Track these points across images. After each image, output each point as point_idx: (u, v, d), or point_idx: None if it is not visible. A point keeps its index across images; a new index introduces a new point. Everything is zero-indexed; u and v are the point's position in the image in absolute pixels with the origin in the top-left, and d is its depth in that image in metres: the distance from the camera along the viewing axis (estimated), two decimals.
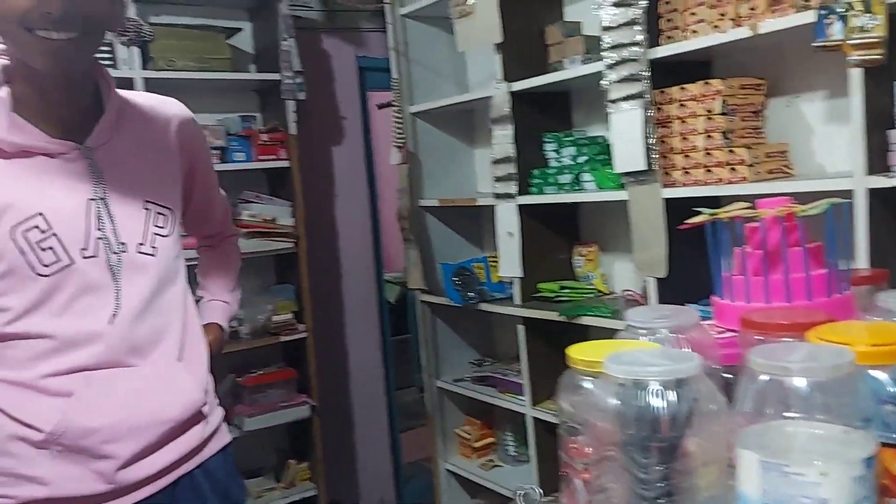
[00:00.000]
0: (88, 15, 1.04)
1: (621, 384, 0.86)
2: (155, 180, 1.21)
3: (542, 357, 2.58)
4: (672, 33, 2.00)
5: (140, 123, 1.22)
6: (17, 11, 1.00)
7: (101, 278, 1.13)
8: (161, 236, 1.20)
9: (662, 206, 2.01)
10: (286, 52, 2.97)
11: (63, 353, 1.11)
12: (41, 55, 1.02)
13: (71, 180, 1.11)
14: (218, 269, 1.51)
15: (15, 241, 1.08)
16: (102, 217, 1.13)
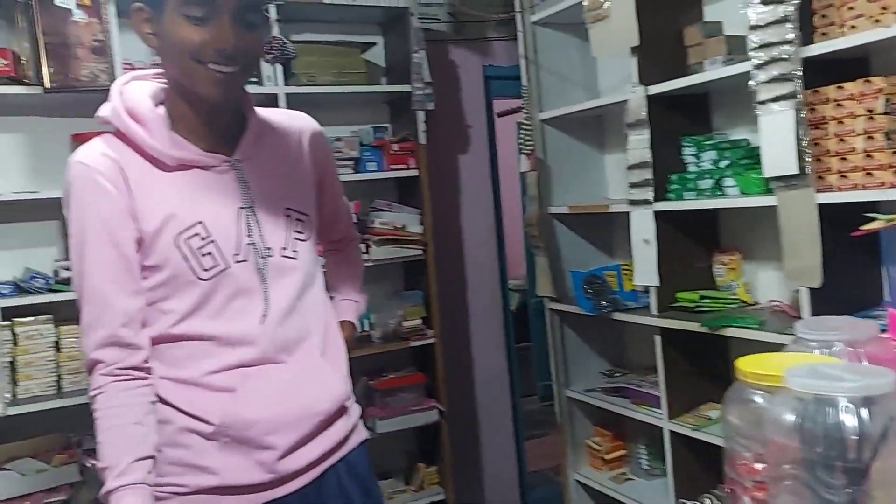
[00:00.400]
0: (250, 52, 1.17)
1: (802, 399, 0.82)
2: (293, 189, 1.31)
3: (680, 369, 2.49)
4: (827, 30, 1.89)
5: (276, 137, 1.32)
6: (192, 45, 1.12)
7: (251, 281, 1.22)
8: (300, 240, 1.28)
9: (816, 212, 1.90)
10: (417, 64, 3.04)
11: (222, 352, 1.20)
12: (208, 85, 1.14)
13: (223, 191, 1.21)
14: (346, 271, 1.59)
15: (179, 248, 1.17)
16: (251, 224, 1.22)
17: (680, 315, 2.42)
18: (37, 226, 2.65)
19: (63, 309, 2.53)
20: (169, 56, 1.17)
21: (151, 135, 1.17)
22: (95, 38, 2.46)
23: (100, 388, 1.14)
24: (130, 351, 1.15)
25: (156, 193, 1.18)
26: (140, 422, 1.13)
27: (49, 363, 2.49)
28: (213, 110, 1.21)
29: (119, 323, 1.15)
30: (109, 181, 1.15)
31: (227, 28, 1.12)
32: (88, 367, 1.16)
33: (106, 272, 1.15)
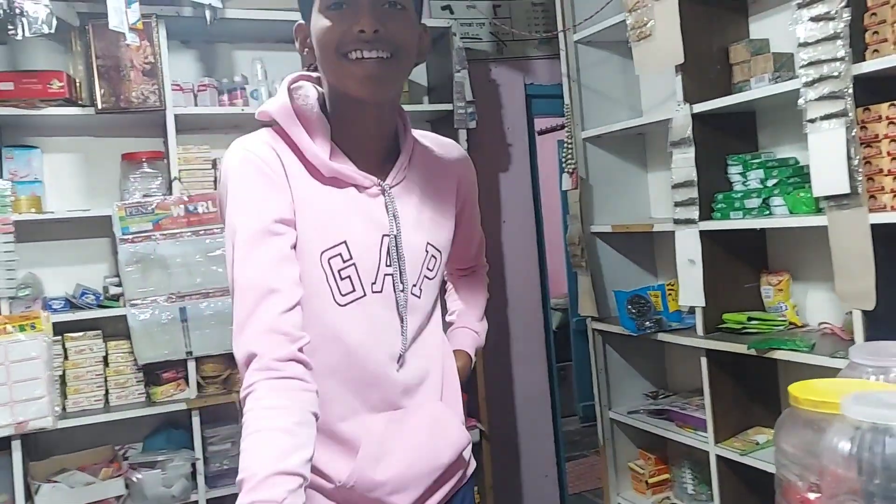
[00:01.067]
0: (396, 37, 1.07)
1: (859, 428, 0.79)
2: (435, 222, 1.21)
3: (727, 392, 2.44)
4: (879, 46, 1.85)
5: (427, 165, 1.23)
6: (333, 37, 1.06)
7: (385, 316, 1.13)
8: (428, 279, 1.19)
9: (869, 232, 1.85)
10: (459, 83, 3.06)
11: (347, 394, 1.12)
12: (356, 79, 1.06)
13: (370, 214, 1.12)
14: (468, 299, 1.48)
15: (322, 265, 1.08)
16: (392, 254, 1.13)
17: (726, 336, 2.37)
18: (88, 243, 2.72)
19: (111, 325, 2.60)
20: (321, 61, 1.10)
21: (315, 140, 1.10)
22: (146, 61, 2.53)
23: (251, 386, 0.96)
24: (290, 339, 0.99)
25: (308, 201, 1.09)
26: (290, 430, 0.92)
27: (97, 377, 2.55)
28: (367, 118, 1.13)
29: (281, 309, 0.99)
30: (273, 171, 1.07)
31: (365, 8, 1.05)
32: (243, 364, 0.98)
33: (268, 260, 1.02)
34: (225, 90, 2.74)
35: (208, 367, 2.64)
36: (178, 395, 2.59)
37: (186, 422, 2.61)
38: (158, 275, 2.53)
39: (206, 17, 2.52)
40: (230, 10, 2.63)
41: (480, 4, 3.50)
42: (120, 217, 2.50)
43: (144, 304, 2.52)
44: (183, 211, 2.54)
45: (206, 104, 2.68)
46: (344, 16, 1.06)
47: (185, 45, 2.87)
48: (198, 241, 2.55)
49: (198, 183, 2.62)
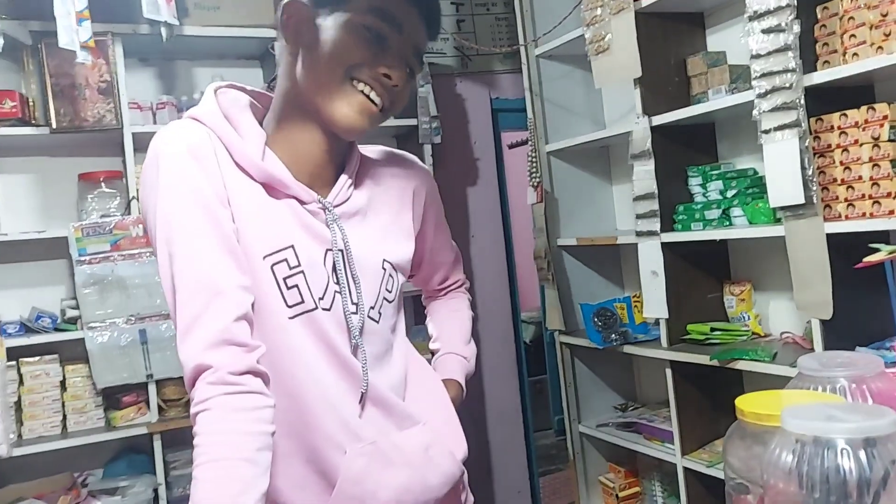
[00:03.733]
0: (399, 98, 1.05)
1: (801, 441, 0.78)
2: (390, 239, 1.14)
3: (693, 403, 2.44)
4: (829, 58, 1.88)
5: (378, 181, 1.15)
6: (355, 59, 0.99)
7: (335, 338, 1.02)
8: (388, 301, 1.10)
9: (825, 242, 1.86)
10: (423, 98, 3.05)
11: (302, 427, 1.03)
12: (348, 108, 1.00)
13: (314, 228, 1.04)
14: (451, 321, 1.38)
15: (270, 269, 0.99)
16: (339, 270, 1.04)
17: (690, 348, 2.37)
18: (44, 265, 2.66)
19: (69, 348, 2.54)
20: (312, 60, 1.01)
21: (244, 140, 1.01)
22: (102, 79, 2.49)
23: (205, 402, 0.88)
24: (246, 350, 0.91)
25: (245, 197, 0.99)
26: (252, 459, 0.86)
27: (54, 403, 2.49)
28: (323, 139, 1.05)
29: (233, 316, 0.91)
30: (205, 157, 0.97)
31: (400, 59, 1.02)
32: (192, 377, 0.90)
33: (212, 255, 0.93)
34: (184, 108, 2.70)
35: (170, 389, 2.59)
36: (138, 419, 2.54)
37: (148, 446, 2.56)
38: (117, 296, 2.48)
39: (161, 34, 2.49)
40: (188, 27, 2.60)
41: (444, 20, 3.49)
42: (76, 238, 2.45)
43: (103, 327, 2.47)
44: (142, 231, 2.50)
45: (165, 122, 2.65)
46: (375, 47, 1.00)
47: (144, 62, 2.84)
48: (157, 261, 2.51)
49: None
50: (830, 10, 1.88)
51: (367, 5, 1.00)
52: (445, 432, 1.16)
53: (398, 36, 1.02)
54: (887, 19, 1.74)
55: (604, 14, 2.44)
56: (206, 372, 0.89)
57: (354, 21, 1.00)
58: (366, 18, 1.00)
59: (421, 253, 1.25)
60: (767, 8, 1.86)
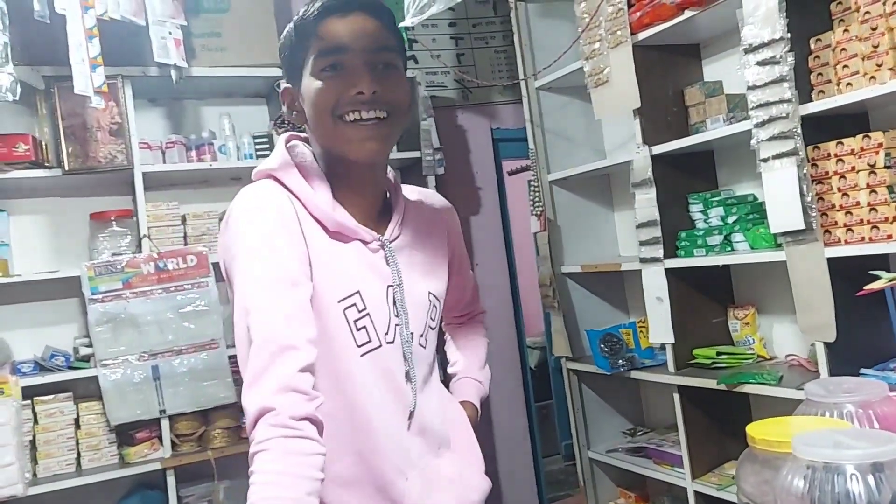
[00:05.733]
0: (392, 97, 1.09)
1: (811, 467, 0.81)
2: (433, 273, 1.23)
3: (701, 427, 2.46)
4: (824, 87, 1.93)
5: (419, 218, 1.24)
6: (329, 99, 1.07)
7: (399, 368, 1.13)
8: (431, 329, 1.20)
9: (826, 266, 1.90)
10: (426, 130, 3.11)
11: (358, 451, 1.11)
12: (353, 140, 1.07)
13: (375, 267, 1.13)
14: (468, 347, 1.47)
15: (343, 315, 1.08)
16: (398, 304, 1.14)
17: (697, 372, 2.40)
18: (57, 304, 2.70)
19: (82, 386, 2.57)
20: (313, 123, 1.11)
21: (316, 194, 1.10)
22: (113, 121, 2.55)
23: (264, 442, 0.92)
24: (307, 399, 0.96)
25: (320, 250, 1.08)
26: (302, 500, 0.90)
27: (69, 440, 2.51)
28: (363, 178, 1.14)
29: (299, 366, 0.96)
30: (289, 219, 1.06)
31: (362, 70, 1.06)
32: (254, 419, 0.94)
33: (287, 313, 0.99)
34: (193, 146, 2.76)
35: (182, 424, 2.61)
36: (152, 454, 2.56)
37: (161, 482, 2.57)
38: (129, 333, 2.51)
39: (171, 76, 2.55)
40: (196, 68, 2.66)
41: (444, 54, 3.58)
42: (89, 277, 2.49)
43: (116, 364, 2.50)
44: (153, 268, 2.54)
45: (175, 161, 2.70)
46: (339, 78, 1.07)
47: (153, 102, 2.90)
48: (168, 297, 2.55)
49: (167, 239, 2.62)
50: (823, 41, 1.94)
51: (315, 51, 1.08)
52: (469, 452, 1.26)
53: (348, 54, 1.07)
54: (878, 50, 1.79)
55: (602, 48, 2.51)
56: (268, 414, 0.93)
57: (314, 72, 1.08)
58: (319, 63, 1.07)
59: (448, 283, 1.32)
60: (762, 41, 1.92)
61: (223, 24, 2.72)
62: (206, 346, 2.53)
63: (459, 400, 1.35)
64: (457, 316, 1.49)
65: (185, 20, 2.54)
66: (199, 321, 2.55)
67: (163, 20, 2.42)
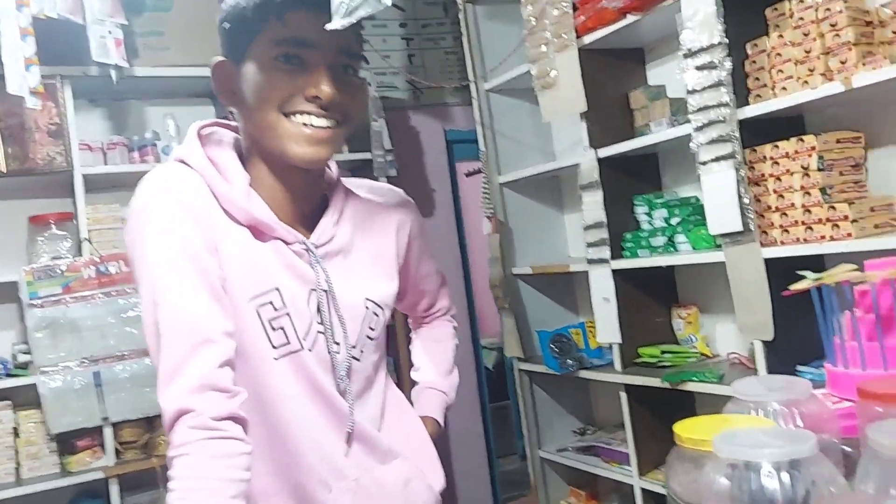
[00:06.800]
0: (349, 106, 1.01)
1: (733, 465, 0.83)
2: (374, 278, 1.14)
3: (647, 425, 2.50)
4: (760, 91, 1.98)
5: (363, 217, 1.15)
6: (280, 93, 0.97)
7: (318, 377, 1.04)
8: (370, 339, 1.11)
9: (763, 267, 1.95)
10: (377, 132, 3.11)
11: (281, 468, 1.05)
12: (295, 141, 0.98)
13: (298, 269, 1.04)
14: (433, 350, 1.39)
15: (257, 312, 1.00)
16: (323, 311, 1.05)
17: (643, 371, 2.44)
18: None
19: (21, 394, 2.50)
20: (249, 110, 1.01)
21: (230, 184, 1.01)
22: (52, 122, 2.48)
23: (184, 446, 0.87)
24: (228, 396, 0.91)
25: (231, 241, 1.00)
26: None
27: (7, 449, 2.43)
28: (295, 177, 1.04)
29: (217, 362, 0.91)
30: (193, 204, 0.98)
31: (325, 73, 0.97)
32: (171, 420, 0.88)
33: (198, 302, 0.93)
34: (136, 147, 2.71)
35: (126, 432, 2.55)
36: (94, 463, 2.50)
37: (104, 491, 2.51)
38: (70, 339, 2.45)
39: (112, 76, 2.50)
40: (139, 68, 2.61)
41: (394, 54, 3.57)
42: (27, 282, 2.42)
43: (56, 371, 2.43)
44: (94, 272, 2.48)
45: (116, 162, 2.65)
46: (297, 74, 0.98)
47: (93, 103, 2.83)
48: (110, 302, 2.49)
49: (108, 243, 2.56)
50: (759, 46, 1.98)
51: (273, 37, 0.98)
52: (424, 465, 1.19)
53: (313, 50, 0.98)
54: (810, 55, 1.84)
55: (548, 51, 2.53)
56: (187, 416, 0.88)
57: (266, 59, 0.98)
58: (275, 50, 0.97)
59: (405, 283, 1.25)
60: (700, 46, 1.96)
61: (166, 22, 2.67)
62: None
63: (420, 414, 1.28)
64: (422, 315, 1.41)
65: (125, 19, 2.49)
66: (141, 326, 2.49)
67: (102, 19, 2.37)
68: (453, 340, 1.42)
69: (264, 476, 0.98)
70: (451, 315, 1.44)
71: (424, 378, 1.36)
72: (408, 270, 1.25)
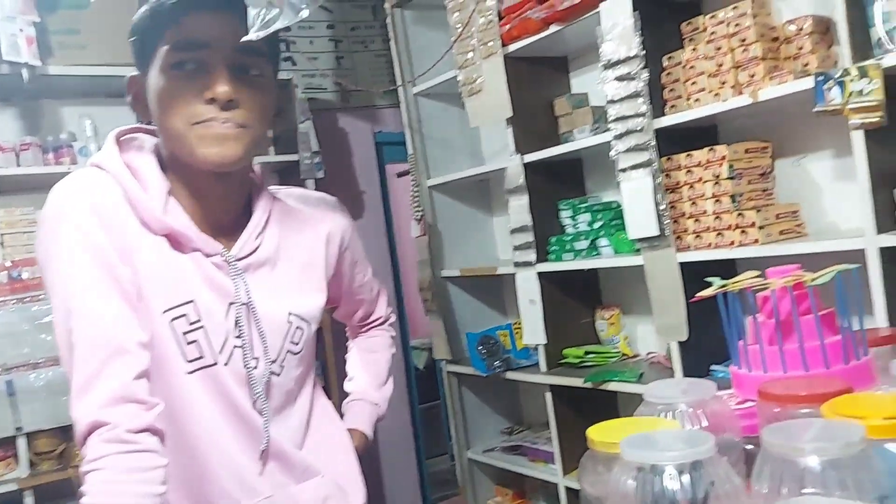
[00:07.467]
0: (252, 107, 0.98)
1: (639, 467, 0.87)
2: (299, 290, 1.11)
3: (572, 424, 2.56)
4: (676, 102, 2.06)
5: (290, 227, 1.12)
6: (178, 102, 0.96)
7: (234, 393, 1.02)
8: (292, 353, 1.09)
9: (678, 270, 2.03)
10: (304, 133, 3.08)
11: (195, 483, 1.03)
12: (203, 146, 0.96)
13: (215, 280, 1.02)
14: (367, 361, 1.38)
15: (170, 325, 0.98)
16: (242, 325, 1.03)
17: (567, 371, 2.50)
18: None
19: None
20: (159, 124, 0.99)
21: (147, 193, 0.99)
22: None
23: (98, 461, 0.85)
24: (145, 408, 0.89)
25: (146, 252, 0.97)
26: None
27: None
28: (213, 186, 1.02)
29: (133, 373, 0.89)
30: (107, 212, 0.95)
31: (223, 74, 0.95)
32: (85, 434, 0.86)
33: (112, 312, 0.91)
34: (50, 148, 2.61)
35: (41, 442, 2.46)
36: (7, 474, 2.41)
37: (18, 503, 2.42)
38: None
39: (23, 76, 2.40)
40: (53, 66, 2.52)
41: (323, 56, 3.55)
42: None
43: None
44: (6, 278, 2.38)
45: (30, 164, 2.55)
46: (191, 78, 0.96)
47: (5, 102, 2.71)
48: (24, 308, 2.40)
49: (22, 247, 2.47)
50: (675, 59, 2.06)
51: (170, 42, 0.96)
52: (344, 482, 1.17)
53: (208, 51, 0.96)
54: (722, 69, 1.93)
55: (475, 58, 2.56)
56: (101, 429, 0.86)
57: (164, 67, 0.97)
58: (172, 56, 0.96)
59: (338, 293, 1.25)
60: (619, 57, 2.02)
61: (82, 20, 2.59)
62: None
63: (349, 427, 1.27)
64: (358, 325, 1.40)
65: (38, 16, 2.40)
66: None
67: (13, 16, 2.28)
68: (389, 350, 1.41)
69: (171, 492, 0.95)
70: (390, 324, 1.43)
71: (357, 389, 1.35)
72: (341, 281, 1.24)
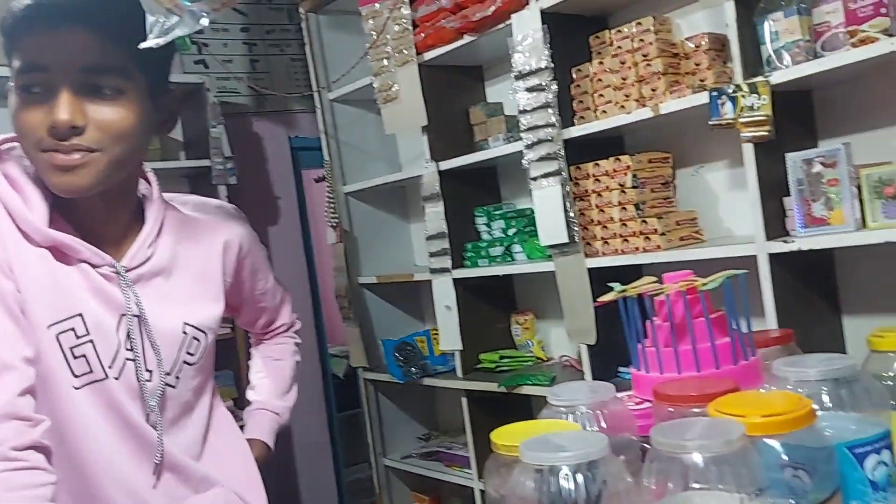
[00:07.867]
0: (106, 129, 0.93)
1: (536, 469, 0.90)
2: (196, 300, 1.10)
3: (487, 428, 2.53)
4: (584, 114, 2.12)
5: (185, 236, 1.10)
6: (28, 127, 0.92)
7: (125, 407, 1.00)
8: (188, 364, 1.07)
9: (587, 276, 2.09)
10: (216, 138, 3.01)
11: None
12: (50, 176, 0.93)
13: (105, 292, 1.00)
14: (270, 369, 1.36)
15: (57, 339, 0.95)
16: (134, 337, 1.01)
17: (482, 376, 2.54)
18: None
19: None
20: (25, 151, 0.96)
21: (28, 204, 0.95)
22: None
23: None
24: (30, 425, 0.88)
25: (29, 265, 0.94)
26: None
27: None
28: (91, 199, 0.98)
29: (17, 390, 0.87)
30: None
31: (64, 99, 0.90)
32: None
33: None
34: None
35: None
36: None
37: None
38: None
39: None
40: None
41: (237, 59, 3.48)
42: None
43: None
44: None
45: None
46: (38, 102, 0.91)
47: None
48: None
49: None
50: (583, 72, 2.13)
51: (18, 65, 0.93)
52: (244, 492, 1.16)
53: (48, 75, 0.91)
54: (627, 82, 2.01)
55: (390, 65, 2.58)
56: None
57: (16, 87, 0.94)
58: (19, 80, 0.93)
59: (238, 302, 1.23)
60: (530, 69, 2.08)
61: None
62: None
63: (249, 437, 1.26)
64: (261, 333, 1.38)
65: None
66: None
67: None
68: (293, 358, 1.39)
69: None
70: (295, 331, 1.42)
71: (258, 398, 1.34)
72: (241, 289, 1.22)
